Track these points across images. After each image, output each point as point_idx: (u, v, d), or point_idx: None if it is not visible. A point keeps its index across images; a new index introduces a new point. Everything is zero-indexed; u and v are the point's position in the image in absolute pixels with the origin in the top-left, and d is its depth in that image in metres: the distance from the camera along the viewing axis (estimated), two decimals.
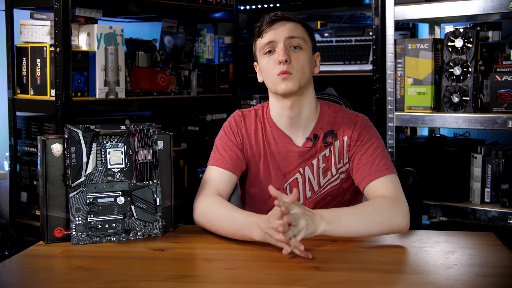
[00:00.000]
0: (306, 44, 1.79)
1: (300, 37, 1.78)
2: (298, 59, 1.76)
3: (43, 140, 1.66)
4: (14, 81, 2.85)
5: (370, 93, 3.01)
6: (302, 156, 1.83)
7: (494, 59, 2.82)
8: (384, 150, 1.82)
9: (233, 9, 3.55)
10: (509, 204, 2.70)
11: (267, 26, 1.79)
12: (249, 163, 1.87)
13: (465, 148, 2.84)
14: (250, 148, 1.87)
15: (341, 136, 1.84)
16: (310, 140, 1.83)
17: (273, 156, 1.85)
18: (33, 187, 2.84)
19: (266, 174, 1.86)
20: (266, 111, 1.89)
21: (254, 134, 1.87)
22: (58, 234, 1.67)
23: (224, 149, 1.85)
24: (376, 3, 2.95)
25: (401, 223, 1.66)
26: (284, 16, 1.80)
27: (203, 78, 3.50)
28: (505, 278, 1.39)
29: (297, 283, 1.37)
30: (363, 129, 1.83)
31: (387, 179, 1.75)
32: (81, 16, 2.78)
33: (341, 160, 1.84)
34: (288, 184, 1.85)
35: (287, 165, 1.84)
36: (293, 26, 1.79)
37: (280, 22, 1.79)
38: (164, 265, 1.50)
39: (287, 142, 1.84)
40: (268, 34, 1.78)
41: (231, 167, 1.82)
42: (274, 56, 1.77)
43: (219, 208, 1.71)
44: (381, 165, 1.77)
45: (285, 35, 1.77)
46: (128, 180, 1.71)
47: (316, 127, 1.84)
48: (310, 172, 1.83)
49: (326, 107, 1.88)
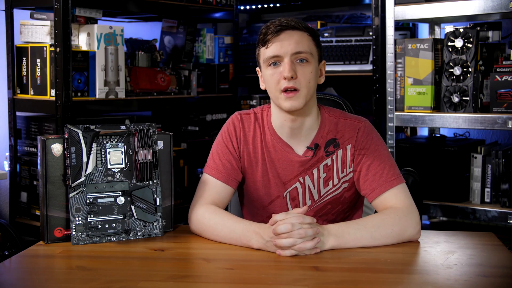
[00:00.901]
0: (312, 57, 1.71)
1: (307, 51, 1.70)
2: (305, 73, 1.69)
3: (43, 140, 1.66)
4: (14, 81, 2.85)
5: (370, 93, 3.01)
6: (302, 166, 1.79)
7: (494, 59, 2.82)
8: (390, 157, 1.78)
9: (233, 9, 3.55)
10: (509, 204, 2.70)
11: (273, 35, 1.70)
12: (247, 170, 1.83)
13: (465, 148, 2.84)
14: (248, 155, 1.83)
15: (344, 145, 1.79)
16: (311, 149, 1.79)
17: (272, 163, 1.81)
18: (33, 187, 2.84)
19: (265, 181, 1.82)
20: (267, 116, 1.84)
21: (252, 141, 1.83)
22: (58, 234, 1.67)
23: (220, 157, 1.82)
24: (376, 3, 2.95)
25: (411, 233, 1.65)
26: (290, 25, 1.70)
27: (203, 78, 3.50)
28: (505, 278, 1.39)
29: (297, 283, 1.37)
30: (367, 136, 1.78)
31: (397, 189, 1.72)
32: (81, 16, 2.78)
33: (344, 169, 1.79)
34: (288, 193, 1.82)
35: (286, 173, 1.80)
36: (299, 38, 1.70)
37: (286, 32, 1.70)
38: (164, 265, 1.50)
39: (287, 151, 1.80)
40: (273, 46, 1.70)
41: (224, 178, 1.79)
42: (279, 69, 1.70)
43: (216, 218, 1.69)
44: (390, 176, 1.73)
45: (291, 49, 1.68)
46: (128, 180, 1.71)
47: (317, 136, 1.79)
48: (310, 182, 1.80)
49: (326, 113, 1.82)
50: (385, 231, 1.62)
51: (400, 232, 1.63)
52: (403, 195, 1.72)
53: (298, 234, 1.53)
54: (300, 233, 1.53)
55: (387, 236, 1.62)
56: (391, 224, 1.63)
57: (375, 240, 1.61)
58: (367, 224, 1.63)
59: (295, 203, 1.82)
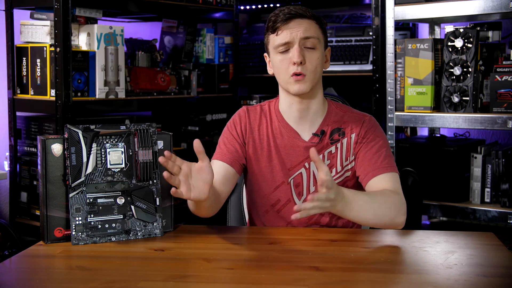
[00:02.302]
0: (319, 43, 1.80)
1: (315, 36, 1.79)
2: (312, 59, 1.78)
3: (43, 140, 1.66)
4: (14, 81, 2.85)
5: (370, 93, 3.01)
6: (308, 151, 1.84)
7: (494, 59, 2.82)
8: (389, 149, 1.85)
9: (233, 9, 3.55)
10: (509, 204, 2.70)
11: (282, 23, 1.78)
12: (252, 157, 1.89)
13: (465, 148, 2.84)
14: (253, 142, 1.89)
15: (348, 134, 1.86)
16: (317, 136, 1.85)
17: (278, 150, 1.87)
18: (33, 187, 2.84)
19: (270, 168, 1.87)
20: (275, 105, 1.91)
21: (258, 128, 1.89)
22: (58, 234, 1.67)
23: (225, 143, 1.89)
24: (376, 3, 2.95)
25: (400, 220, 1.72)
26: (298, 13, 1.79)
27: (203, 78, 3.50)
28: (505, 278, 1.39)
29: (297, 283, 1.37)
30: (371, 128, 1.86)
31: (389, 176, 1.79)
32: (81, 16, 2.78)
33: (348, 157, 1.86)
34: (292, 179, 1.86)
35: (292, 159, 1.86)
36: (308, 25, 1.79)
37: (295, 20, 1.78)
38: (164, 265, 1.50)
39: (294, 137, 1.86)
40: (283, 33, 1.78)
41: (228, 160, 1.85)
42: (288, 55, 1.78)
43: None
44: (384, 163, 1.80)
45: (300, 35, 1.77)
46: (128, 180, 1.71)
47: (324, 123, 1.87)
48: (315, 168, 1.83)
49: (333, 105, 1.91)
50: (385, 210, 1.68)
51: (394, 215, 1.70)
52: (396, 182, 1.79)
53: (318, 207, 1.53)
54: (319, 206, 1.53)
55: (385, 215, 1.68)
56: (390, 205, 1.69)
57: (375, 217, 1.67)
58: (374, 200, 1.69)
59: (298, 190, 1.86)
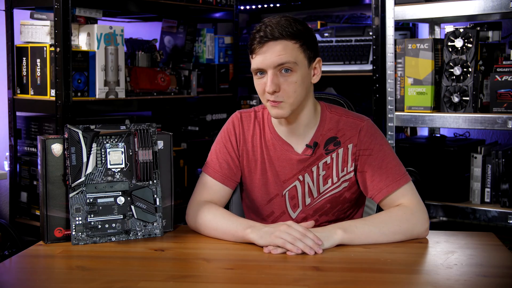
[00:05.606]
0: (298, 65, 1.67)
1: (291, 61, 1.66)
2: (289, 83, 1.67)
3: (43, 140, 1.66)
4: (14, 81, 2.85)
5: (370, 93, 3.01)
6: (302, 164, 1.80)
7: (494, 59, 2.82)
8: (395, 155, 1.78)
9: (233, 9, 3.55)
10: (509, 204, 2.70)
11: (257, 45, 1.67)
12: (246, 169, 1.85)
13: (465, 148, 2.84)
14: (247, 154, 1.84)
15: (345, 144, 1.78)
16: (310, 148, 1.78)
17: (271, 162, 1.82)
18: (33, 187, 2.84)
19: (264, 180, 1.83)
20: (268, 114, 1.84)
21: (252, 140, 1.84)
22: (58, 234, 1.67)
23: (217, 157, 1.84)
24: (376, 3, 2.95)
25: (419, 230, 1.68)
26: (274, 36, 1.65)
27: (203, 78, 3.50)
28: (505, 278, 1.39)
29: (297, 283, 1.37)
30: (370, 136, 1.77)
31: (404, 189, 1.73)
32: (81, 16, 2.78)
33: (345, 168, 1.79)
34: (287, 192, 1.82)
35: (286, 172, 1.81)
36: (282, 49, 1.65)
37: (269, 44, 1.65)
38: (164, 265, 1.50)
39: (287, 150, 1.80)
40: (257, 58, 1.68)
41: (221, 178, 1.81)
42: (264, 80, 1.69)
43: (210, 213, 1.73)
44: (396, 175, 1.73)
45: (274, 62, 1.65)
46: (128, 180, 1.71)
47: (317, 133, 1.79)
48: (310, 179, 1.80)
49: (328, 110, 1.81)
50: (393, 227, 1.65)
51: (409, 229, 1.66)
52: (411, 193, 1.73)
53: (297, 248, 1.55)
54: (299, 247, 1.55)
55: (395, 232, 1.64)
56: (399, 221, 1.66)
57: (384, 235, 1.64)
58: (374, 220, 1.66)
59: (293, 202, 1.82)
